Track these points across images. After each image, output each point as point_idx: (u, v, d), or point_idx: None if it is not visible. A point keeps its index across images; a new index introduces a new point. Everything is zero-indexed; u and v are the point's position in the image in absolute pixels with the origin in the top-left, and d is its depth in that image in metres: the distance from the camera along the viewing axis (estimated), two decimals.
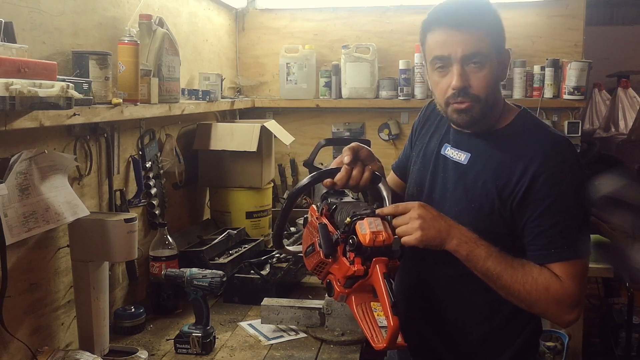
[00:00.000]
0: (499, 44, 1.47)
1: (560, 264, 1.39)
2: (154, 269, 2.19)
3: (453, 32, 1.42)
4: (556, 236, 1.39)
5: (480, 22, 1.43)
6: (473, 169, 1.50)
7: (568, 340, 2.76)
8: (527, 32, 3.36)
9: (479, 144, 1.51)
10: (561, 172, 1.40)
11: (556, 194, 1.39)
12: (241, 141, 2.73)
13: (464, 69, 1.43)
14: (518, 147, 1.45)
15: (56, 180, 1.70)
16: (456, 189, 1.52)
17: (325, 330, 2.00)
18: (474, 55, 1.42)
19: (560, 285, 1.39)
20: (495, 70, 1.45)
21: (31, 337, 1.70)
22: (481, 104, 1.45)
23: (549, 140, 1.45)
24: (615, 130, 4.89)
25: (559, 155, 1.42)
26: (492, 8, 1.47)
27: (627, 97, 5.05)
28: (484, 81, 1.43)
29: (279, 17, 3.56)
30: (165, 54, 2.19)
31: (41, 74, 1.34)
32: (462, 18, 1.42)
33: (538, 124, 1.53)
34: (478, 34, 1.42)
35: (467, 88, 1.43)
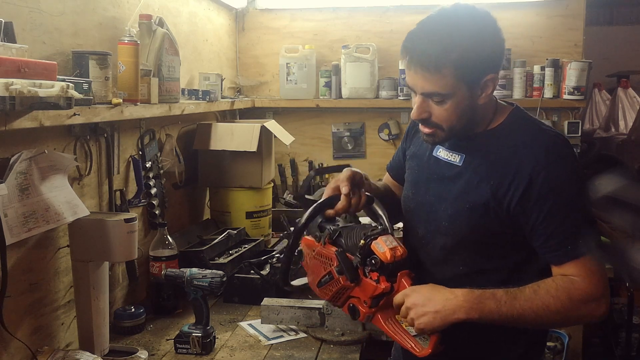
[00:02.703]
0: (472, 75, 1.38)
1: (575, 261, 1.38)
2: (154, 269, 2.19)
3: (415, 69, 1.39)
4: (567, 234, 1.38)
5: (444, 62, 1.34)
6: (467, 169, 1.49)
7: (568, 340, 2.76)
8: (527, 32, 3.36)
9: (472, 144, 1.49)
10: (560, 169, 1.38)
11: (558, 192, 1.37)
12: (241, 141, 2.73)
13: (425, 101, 1.41)
14: (512, 145, 1.44)
15: (56, 180, 1.70)
16: (451, 190, 1.51)
17: (325, 330, 2.00)
18: (432, 94, 1.39)
19: (579, 285, 1.37)
20: (464, 102, 1.40)
21: (31, 337, 1.70)
22: (445, 131, 1.44)
23: (544, 137, 1.44)
24: (615, 130, 4.89)
25: (556, 152, 1.41)
26: (462, 40, 1.35)
27: (627, 97, 5.05)
28: (446, 114, 1.41)
29: (279, 17, 3.56)
30: (165, 54, 2.19)
31: (41, 74, 1.34)
32: (423, 59, 1.36)
33: (531, 121, 1.51)
34: (439, 75, 1.36)
35: (428, 118, 1.43)
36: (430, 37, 1.36)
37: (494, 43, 1.39)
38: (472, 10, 1.39)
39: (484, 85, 1.40)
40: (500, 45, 1.42)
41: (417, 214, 1.60)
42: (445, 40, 1.34)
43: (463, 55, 1.34)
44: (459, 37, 1.34)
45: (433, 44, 1.34)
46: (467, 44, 1.34)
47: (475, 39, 1.35)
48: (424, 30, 1.38)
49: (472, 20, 1.37)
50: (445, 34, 1.34)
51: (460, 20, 1.36)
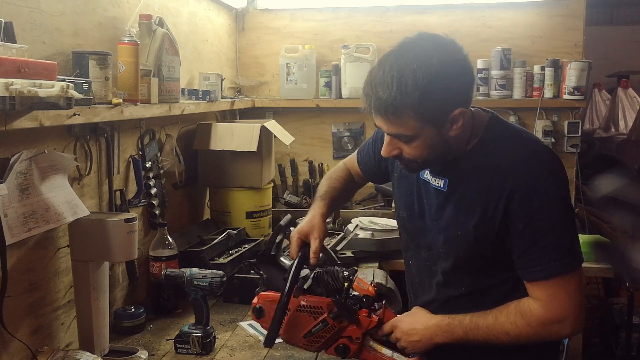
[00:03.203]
0: (435, 115, 1.32)
1: (543, 282, 1.37)
2: (154, 269, 2.19)
3: (375, 114, 1.35)
4: (539, 253, 1.36)
5: (402, 108, 1.28)
6: (454, 195, 1.45)
7: (568, 340, 2.75)
8: (527, 32, 3.36)
9: (453, 167, 1.45)
10: (535, 187, 1.35)
11: (533, 211, 1.35)
12: (241, 141, 2.73)
13: (393, 140, 1.39)
14: (493, 164, 1.40)
15: (56, 180, 1.70)
16: (441, 215, 1.48)
17: None
18: (397, 135, 1.36)
19: (537, 311, 1.38)
20: (432, 139, 1.35)
21: (31, 337, 1.70)
22: (418, 163, 1.42)
23: (521, 153, 1.40)
24: (615, 130, 4.90)
25: (532, 169, 1.37)
26: (421, 82, 1.26)
27: (627, 97, 5.05)
28: (416, 151, 1.37)
29: (279, 17, 3.56)
30: (165, 54, 2.19)
31: (41, 74, 1.34)
32: (381, 106, 1.31)
33: (510, 133, 1.46)
34: (400, 120, 1.31)
35: (399, 155, 1.41)
36: (387, 82, 1.28)
37: (458, 77, 1.32)
38: (434, 47, 1.31)
39: (452, 120, 1.34)
40: (467, 77, 1.35)
41: (415, 237, 1.59)
42: (403, 85, 1.26)
43: (422, 98, 1.27)
44: (417, 80, 1.26)
45: (389, 91, 1.28)
46: (426, 85, 1.26)
47: (436, 77, 1.26)
48: (380, 74, 1.30)
49: (432, 60, 1.27)
50: (403, 78, 1.26)
51: (419, 62, 1.27)
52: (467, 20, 3.41)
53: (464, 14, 3.41)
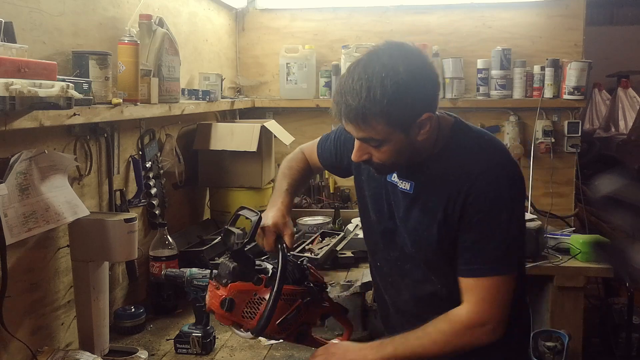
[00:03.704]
0: (403, 120, 1.35)
1: (474, 280, 1.41)
2: (154, 269, 2.19)
3: (345, 121, 1.38)
4: (477, 253, 1.40)
5: (371, 115, 1.32)
6: (419, 197, 1.49)
7: (568, 340, 2.76)
8: (527, 32, 3.36)
9: (419, 171, 1.49)
10: (488, 191, 1.39)
11: (482, 213, 1.39)
12: (241, 141, 2.73)
13: (363, 145, 1.42)
14: (454, 167, 1.44)
15: (56, 180, 1.70)
16: (409, 218, 1.52)
17: (325, 330, 2.00)
18: (368, 139, 1.39)
19: (463, 311, 1.41)
20: (401, 143, 1.39)
21: (31, 337, 1.70)
22: (389, 167, 1.46)
23: (482, 158, 1.44)
24: (615, 130, 4.89)
25: (490, 174, 1.41)
26: (388, 90, 1.30)
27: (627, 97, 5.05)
28: (385, 155, 1.41)
29: (279, 17, 3.56)
30: (165, 54, 2.19)
31: (41, 74, 1.34)
32: (350, 113, 1.34)
33: (471, 139, 1.49)
34: (369, 126, 1.35)
35: (369, 159, 1.44)
36: (356, 90, 1.32)
37: (424, 84, 1.36)
38: (401, 55, 1.35)
39: (420, 125, 1.38)
40: (433, 84, 1.39)
41: (386, 239, 1.61)
42: (371, 93, 1.30)
43: (390, 105, 1.31)
44: (385, 88, 1.30)
45: (358, 98, 1.32)
46: (394, 92, 1.30)
47: (402, 86, 1.31)
48: (350, 82, 1.34)
49: (399, 68, 1.31)
50: (371, 86, 1.31)
51: (387, 70, 1.31)
52: (467, 20, 3.41)
53: (464, 14, 3.41)
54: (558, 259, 2.80)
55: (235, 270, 1.47)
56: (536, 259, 2.76)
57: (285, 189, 1.76)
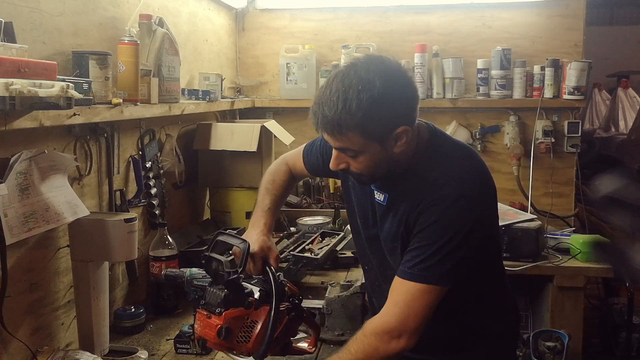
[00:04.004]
0: (379, 133, 1.37)
1: (398, 280, 1.42)
2: (154, 269, 2.19)
3: (322, 132, 1.41)
4: (410, 258, 1.42)
5: (347, 126, 1.35)
6: (390, 210, 1.52)
7: (568, 340, 2.76)
8: (527, 32, 3.36)
9: (393, 184, 1.51)
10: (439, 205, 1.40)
11: (429, 222, 1.40)
12: (241, 141, 2.73)
13: (340, 154, 1.44)
14: (422, 185, 1.45)
15: (56, 180, 1.70)
16: (383, 229, 1.55)
17: (325, 330, 2.00)
18: (345, 149, 1.41)
19: (377, 317, 1.43)
20: (377, 155, 1.41)
21: (31, 337, 1.70)
22: (367, 177, 1.47)
23: (446, 173, 1.44)
24: (615, 130, 4.89)
25: (448, 189, 1.41)
26: (364, 102, 1.32)
27: (627, 97, 5.05)
28: (362, 166, 1.43)
29: (279, 17, 3.56)
30: (165, 54, 2.19)
31: (41, 74, 1.34)
32: (327, 125, 1.37)
33: (443, 153, 1.49)
34: (346, 137, 1.37)
35: (347, 169, 1.46)
36: (333, 102, 1.34)
37: (400, 97, 1.37)
38: (378, 69, 1.36)
39: (396, 137, 1.40)
40: (410, 98, 1.40)
41: (370, 245, 1.64)
42: (347, 105, 1.32)
43: (366, 118, 1.33)
44: (360, 100, 1.32)
45: (335, 109, 1.33)
46: (369, 106, 1.32)
47: (378, 100, 1.33)
48: (327, 93, 1.36)
49: (375, 82, 1.33)
50: (347, 98, 1.32)
51: (363, 83, 1.33)
52: (467, 20, 3.41)
53: (464, 14, 3.41)
54: (558, 259, 2.80)
55: (227, 298, 1.47)
56: (536, 259, 2.76)
57: (267, 208, 1.78)
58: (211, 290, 1.52)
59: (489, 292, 1.61)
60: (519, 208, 3.16)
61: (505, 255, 2.70)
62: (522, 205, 3.28)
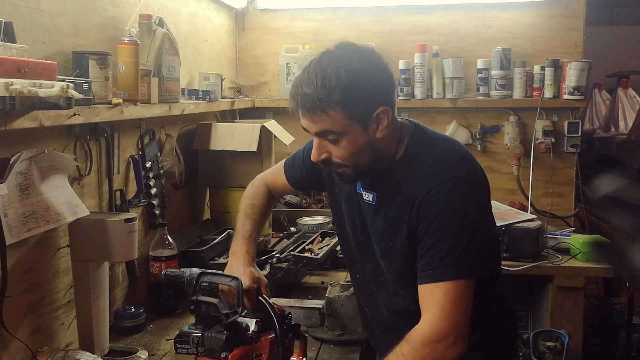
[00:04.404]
0: (360, 111, 1.38)
1: (429, 286, 1.38)
2: (154, 269, 2.19)
3: (303, 113, 1.41)
4: (433, 258, 1.38)
5: (328, 103, 1.36)
6: (381, 209, 1.50)
7: (568, 340, 2.76)
8: (527, 32, 3.36)
9: (380, 181, 1.50)
10: (437, 194, 1.38)
11: (433, 216, 1.38)
12: (241, 141, 2.73)
13: (322, 141, 1.43)
14: (412, 177, 1.44)
15: (56, 180, 1.70)
16: (375, 230, 1.53)
17: (325, 330, 2.00)
18: (325, 132, 1.41)
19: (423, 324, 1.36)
20: (360, 139, 1.41)
21: (31, 337, 1.70)
22: (351, 168, 1.45)
23: (434, 163, 1.44)
24: (615, 130, 4.90)
25: (439, 176, 1.40)
26: (343, 80, 1.35)
27: (627, 97, 5.05)
28: (345, 152, 1.42)
29: (279, 17, 3.56)
30: (165, 54, 2.19)
31: (41, 74, 1.34)
32: (308, 102, 1.38)
33: (428, 145, 1.49)
34: (326, 115, 1.37)
35: (329, 159, 1.45)
36: (312, 80, 1.36)
37: (379, 76, 1.40)
38: (354, 50, 1.40)
39: (377, 119, 1.40)
40: (387, 79, 1.42)
41: (361, 250, 1.61)
42: (327, 81, 1.35)
43: (346, 94, 1.35)
44: (339, 77, 1.35)
45: (315, 87, 1.35)
46: (349, 82, 1.35)
47: (357, 76, 1.36)
48: (305, 75, 1.39)
49: (353, 59, 1.37)
50: (326, 75, 1.35)
51: (341, 61, 1.36)
52: (467, 20, 3.41)
53: (464, 14, 3.41)
54: (558, 259, 2.80)
55: (229, 341, 1.46)
56: (536, 259, 2.76)
57: (249, 235, 1.76)
58: (209, 335, 1.48)
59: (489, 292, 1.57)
60: (519, 208, 3.17)
61: (505, 255, 2.70)
62: (522, 205, 3.28)
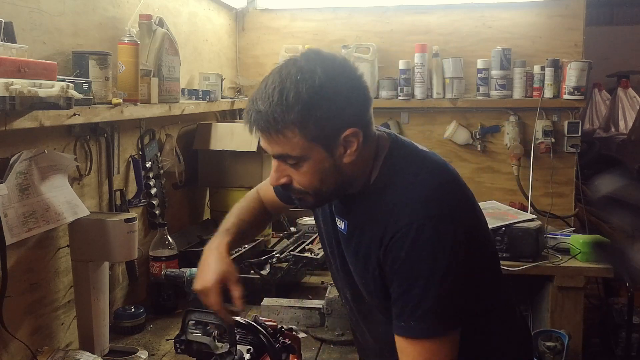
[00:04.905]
0: (322, 133, 1.18)
1: (404, 340, 1.23)
2: (154, 269, 2.19)
3: (257, 133, 1.20)
4: (402, 308, 1.22)
5: (284, 123, 1.15)
6: (352, 239, 1.32)
7: (568, 340, 2.76)
8: (527, 32, 3.36)
9: (352, 208, 1.32)
10: (406, 234, 1.19)
11: (400, 261, 1.20)
12: (241, 141, 2.73)
13: (281, 164, 1.24)
14: (382, 212, 1.25)
15: (56, 180, 1.70)
16: (350, 260, 1.36)
17: (325, 330, 2.00)
18: (283, 156, 1.21)
19: None
20: (323, 163, 1.21)
21: (31, 337, 1.70)
22: (311, 195, 1.26)
23: (409, 191, 1.24)
24: (615, 130, 4.90)
25: (412, 212, 1.20)
26: (303, 96, 1.14)
27: (627, 97, 5.06)
28: (306, 178, 1.23)
29: (279, 17, 3.56)
30: (165, 54, 2.19)
31: (41, 74, 1.34)
32: (262, 121, 1.17)
33: (404, 167, 1.28)
34: (283, 137, 1.17)
35: (289, 184, 1.26)
36: (268, 95, 1.16)
37: (346, 93, 1.19)
38: (319, 59, 1.19)
39: (345, 142, 1.20)
40: (359, 94, 1.22)
41: (339, 276, 1.46)
42: (284, 97, 1.14)
43: (306, 112, 1.14)
44: (299, 92, 1.14)
45: (270, 103, 1.15)
46: (309, 98, 1.14)
47: (320, 91, 1.15)
48: (262, 88, 1.18)
49: (316, 71, 1.16)
50: (284, 89, 1.15)
51: (302, 73, 1.15)
52: (467, 20, 3.41)
53: (464, 14, 3.41)
54: (558, 259, 2.80)
55: None
56: (536, 259, 2.76)
57: (225, 229, 1.54)
58: None
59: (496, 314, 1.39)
60: (519, 208, 3.17)
61: (505, 255, 2.71)
62: (522, 205, 3.28)
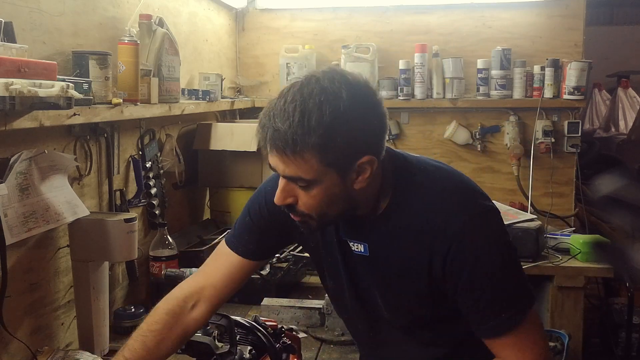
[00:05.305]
0: (340, 159, 1.14)
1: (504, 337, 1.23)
2: (154, 269, 2.19)
3: (271, 150, 1.15)
4: (488, 309, 1.23)
5: (303, 146, 1.11)
6: (377, 260, 1.29)
7: (568, 340, 2.75)
8: (527, 32, 3.36)
9: (370, 231, 1.28)
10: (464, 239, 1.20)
11: (469, 265, 1.21)
12: (241, 141, 2.73)
13: (289, 184, 1.19)
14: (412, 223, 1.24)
15: (56, 180, 1.70)
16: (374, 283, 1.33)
17: (325, 330, 2.00)
18: (295, 178, 1.16)
19: None
20: (334, 188, 1.17)
21: (31, 337, 1.70)
22: (316, 220, 1.23)
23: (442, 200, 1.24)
24: (615, 130, 4.90)
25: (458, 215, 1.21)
26: (326, 120, 1.10)
27: (627, 97, 5.06)
28: (314, 202, 1.19)
29: (279, 17, 3.56)
30: (165, 54, 2.19)
31: (41, 74, 1.34)
32: (279, 141, 1.12)
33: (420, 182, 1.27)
34: (300, 159, 1.13)
35: (294, 205, 1.21)
36: (289, 114, 1.10)
37: (368, 120, 1.15)
38: (344, 81, 1.14)
39: (359, 169, 1.17)
40: (379, 122, 1.18)
41: (350, 305, 1.41)
42: (306, 119, 1.09)
43: (327, 138, 1.10)
44: (323, 112, 1.09)
45: (291, 124, 1.10)
46: (333, 120, 1.10)
47: (343, 116, 1.10)
48: (282, 103, 1.12)
49: (341, 95, 1.11)
50: (306, 110, 1.10)
51: (326, 95, 1.11)
52: (467, 20, 3.41)
53: (464, 14, 3.41)
54: (558, 259, 2.79)
55: None
56: (536, 259, 2.76)
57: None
58: None
59: None
60: (519, 208, 3.16)
61: None
62: (522, 205, 3.28)
